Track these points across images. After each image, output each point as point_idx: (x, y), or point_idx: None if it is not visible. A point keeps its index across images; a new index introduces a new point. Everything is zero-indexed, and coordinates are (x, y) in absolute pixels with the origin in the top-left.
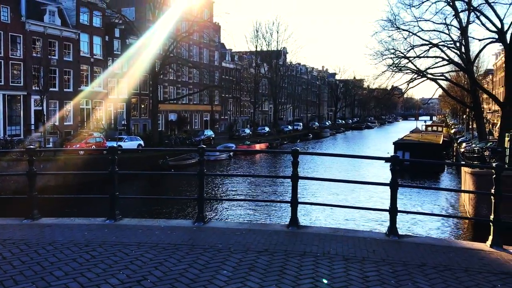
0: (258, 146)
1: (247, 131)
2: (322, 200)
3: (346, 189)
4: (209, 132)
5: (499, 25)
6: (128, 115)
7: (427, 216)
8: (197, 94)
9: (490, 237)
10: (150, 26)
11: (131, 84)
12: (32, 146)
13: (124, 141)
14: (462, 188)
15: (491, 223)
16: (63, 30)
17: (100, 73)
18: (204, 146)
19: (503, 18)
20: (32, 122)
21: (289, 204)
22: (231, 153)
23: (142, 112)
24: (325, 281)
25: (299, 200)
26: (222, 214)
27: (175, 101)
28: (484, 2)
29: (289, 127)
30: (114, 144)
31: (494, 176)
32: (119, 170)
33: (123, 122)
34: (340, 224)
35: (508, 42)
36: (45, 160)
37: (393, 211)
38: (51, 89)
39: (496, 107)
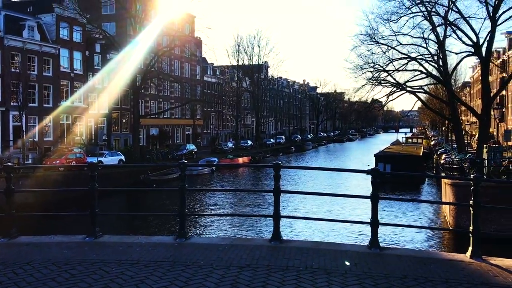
0: (241, 160)
1: (230, 144)
2: (305, 213)
3: (329, 202)
4: (191, 146)
5: (474, 39)
6: (109, 130)
7: (409, 228)
8: (179, 108)
9: (470, 248)
10: (131, 41)
11: (112, 98)
12: (10, 163)
13: (105, 157)
14: (443, 199)
15: (470, 234)
16: (42, 45)
17: (80, 88)
18: (185, 162)
19: (479, 32)
20: (11, 138)
21: (272, 218)
22: (214, 168)
23: (123, 126)
24: None
25: (282, 214)
26: (204, 229)
27: (156, 116)
28: (459, 16)
29: (272, 140)
30: (95, 159)
31: (473, 187)
32: (100, 186)
33: (103, 137)
34: (323, 237)
35: (484, 55)
36: (24, 177)
37: (374, 223)
38: (30, 104)
39: (474, 119)
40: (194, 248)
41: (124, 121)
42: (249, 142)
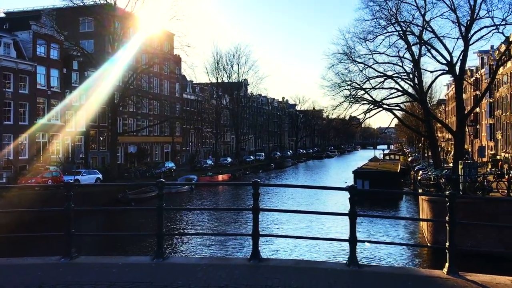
0: (220, 177)
1: (209, 162)
2: (284, 231)
3: (308, 219)
4: (170, 164)
5: (448, 58)
6: (86, 148)
7: (387, 245)
8: (157, 126)
9: (447, 264)
10: (109, 58)
11: (90, 116)
12: None
13: (81, 175)
14: (420, 215)
15: (447, 250)
16: (18, 63)
17: (57, 105)
18: (163, 180)
19: (452, 51)
20: None
21: (251, 237)
22: (193, 185)
23: (101, 144)
24: None
25: (261, 232)
26: (182, 248)
27: (135, 133)
28: (434, 36)
29: (252, 157)
30: (71, 178)
31: (448, 204)
32: (77, 205)
33: (81, 155)
34: (303, 254)
35: (458, 73)
36: None
37: (352, 241)
38: (5, 122)
39: (450, 136)
40: (172, 268)
41: (101, 138)
42: (229, 159)
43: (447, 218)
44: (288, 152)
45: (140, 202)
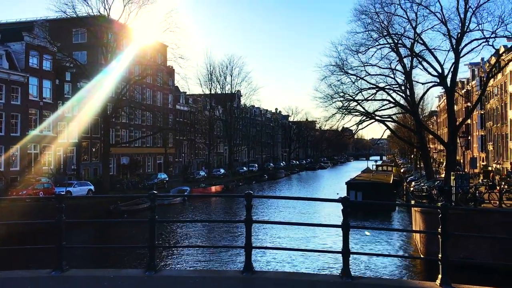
0: (213, 188)
1: (202, 173)
2: (277, 243)
3: (301, 231)
4: (162, 175)
5: (439, 70)
6: (79, 159)
7: (380, 256)
8: (150, 137)
9: (440, 276)
10: (102, 69)
11: (82, 127)
12: None
13: (73, 187)
14: (413, 226)
15: (439, 262)
16: (11, 74)
17: (49, 116)
18: (156, 192)
19: (443, 63)
20: None
21: (243, 249)
22: (186, 197)
23: (93, 156)
24: None
25: (254, 244)
26: (175, 261)
27: (127, 144)
28: (425, 48)
29: (245, 168)
30: (63, 190)
31: (441, 215)
32: (68, 217)
33: (72, 167)
34: (296, 266)
35: (449, 85)
36: None
37: (345, 252)
38: None
39: (442, 147)
40: (164, 281)
41: (94, 150)
42: (222, 171)
43: (439, 229)
44: (281, 163)
45: (133, 214)
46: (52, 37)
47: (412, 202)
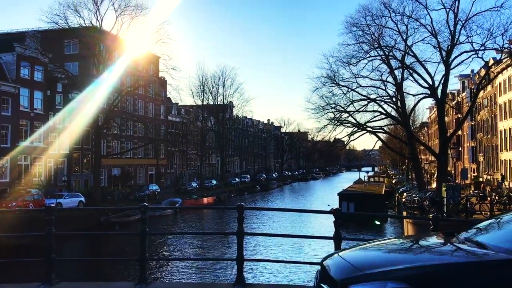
0: (205, 200)
1: (194, 184)
2: (270, 255)
3: (293, 243)
4: (154, 187)
5: (430, 82)
6: (69, 171)
7: None
8: (142, 148)
9: None
10: (94, 80)
11: (73, 138)
12: None
13: (64, 198)
14: None
15: None
16: (1, 84)
17: (40, 127)
18: (147, 204)
19: (434, 75)
20: None
21: (235, 262)
22: (177, 209)
23: (84, 167)
24: None
25: (246, 257)
26: (166, 273)
27: (119, 156)
28: (415, 60)
29: (237, 179)
30: (53, 201)
31: (432, 227)
32: (58, 229)
33: (63, 178)
34: (288, 277)
35: (439, 97)
36: None
37: None
38: None
39: (433, 158)
40: None
41: (85, 161)
42: (214, 182)
43: None
44: (274, 174)
45: (124, 226)
46: (43, 48)
47: (404, 213)
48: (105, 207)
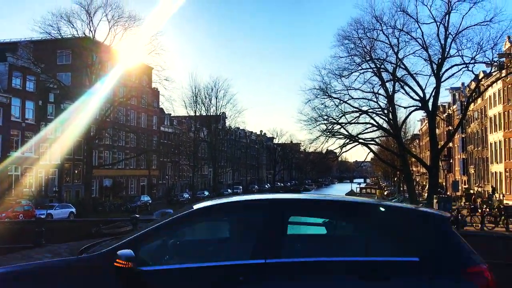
0: None
1: (186, 195)
2: None
3: None
4: (145, 198)
5: (421, 94)
6: (60, 181)
7: None
8: (134, 159)
9: None
10: (86, 91)
11: (65, 149)
12: None
13: (54, 209)
14: None
15: None
16: None
17: (31, 138)
18: (138, 216)
19: (425, 87)
20: None
21: None
22: None
23: (75, 177)
24: None
25: None
26: None
27: (110, 166)
28: (407, 73)
29: (229, 190)
30: (44, 212)
31: None
32: (48, 241)
33: (54, 189)
34: None
35: (430, 109)
36: None
37: None
38: None
39: (425, 170)
40: None
41: (76, 171)
42: (206, 193)
43: None
44: (266, 185)
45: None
46: (36, 58)
47: None
48: (95, 219)
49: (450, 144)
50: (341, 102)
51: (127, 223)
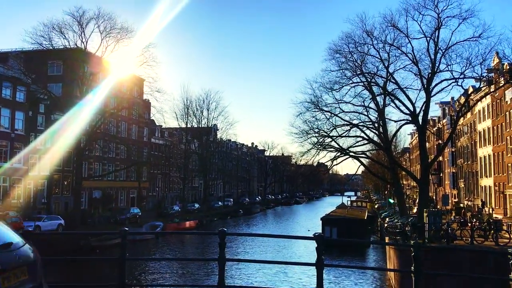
0: (187, 224)
1: (176, 207)
2: (252, 282)
3: (276, 269)
4: (135, 210)
5: (411, 108)
6: (49, 193)
7: None
8: (124, 171)
9: None
10: (77, 102)
11: (54, 160)
12: None
13: (43, 221)
14: (387, 262)
15: None
16: None
17: (21, 149)
18: (127, 229)
19: (415, 102)
20: None
21: None
22: (158, 234)
23: (65, 189)
24: None
25: (228, 283)
26: None
27: (100, 178)
28: (397, 87)
29: (220, 203)
30: (32, 224)
31: (413, 254)
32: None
33: (43, 200)
34: None
35: (420, 123)
36: None
37: None
38: None
39: (415, 183)
40: None
41: (65, 183)
42: (197, 205)
43: (412, 268)
44: (257, 198)
45: (105, 250)
46: (26, 68)
47: (386, 238)
48: (84, 232)
49: (440, 158)
50: (332, 115)
51: (115, 236)
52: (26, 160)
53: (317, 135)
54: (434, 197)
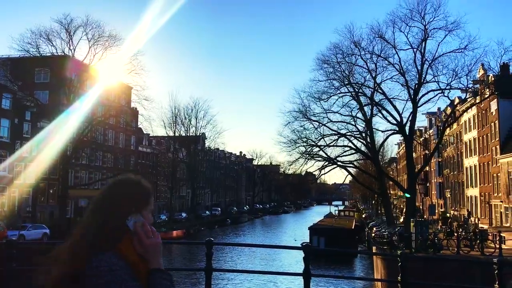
0: (174, 233)
1: (163, 217)
2: None
3: (263, 279)
4: None
5: (398, 119)
6: (35, 201)
7: None
8: (111, 179)
9: None
10: (64, 110)
11: (40, 168)
12: None
13: (27, 230)
14: (374, 272)
15: None
16: None
17: (6, 157)
18: None
19: (402, 112)
20: None
21: None
22: None
23: (50, 197)
24: None
25: None
26: None
27: (87, 186)
28: (384, 98)
29: (207, 212)
30: (16, 233)
31: (400, 264)
32: (19, 263)
33: (28, 209)
34: None
35: (407, 133)
36: None
37: None
38: None
39: (402, 193)
40: None
41: (51, 191)
42: (184, 214)
43: (399, 277)
44: (245, 207)
45: None
46: (13, 75)
47: (374, 248)
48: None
49: (427, 168)
50: (320, 125)
51: None
52: (11, 168)
53: (305, 144)
54: (421, 207)
